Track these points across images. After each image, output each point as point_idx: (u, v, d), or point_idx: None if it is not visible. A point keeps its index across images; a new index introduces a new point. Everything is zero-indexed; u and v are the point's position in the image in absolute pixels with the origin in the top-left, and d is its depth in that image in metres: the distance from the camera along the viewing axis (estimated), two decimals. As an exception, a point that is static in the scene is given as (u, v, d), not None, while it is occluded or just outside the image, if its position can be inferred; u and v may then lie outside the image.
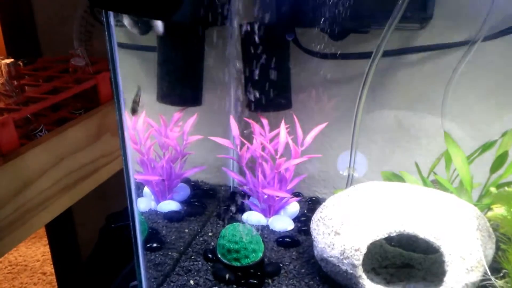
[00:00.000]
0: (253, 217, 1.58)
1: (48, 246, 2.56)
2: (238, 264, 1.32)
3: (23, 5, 2.09)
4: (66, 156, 1.50)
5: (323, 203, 1.35)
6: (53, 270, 2.65)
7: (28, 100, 1.51)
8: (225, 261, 1.33)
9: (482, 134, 1.46)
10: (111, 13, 1.00)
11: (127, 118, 1.14)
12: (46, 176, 1.43)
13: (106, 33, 1.03)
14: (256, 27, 1.36)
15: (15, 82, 1.60)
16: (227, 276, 1.31)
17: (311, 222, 1.34)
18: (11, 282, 3.34)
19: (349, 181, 1.61)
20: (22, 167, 1.34)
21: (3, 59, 1.64)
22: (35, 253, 3.62)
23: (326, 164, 1.73)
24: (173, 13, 0.98)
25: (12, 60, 1.65)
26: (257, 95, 1.48)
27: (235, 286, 1.31)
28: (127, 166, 1.16)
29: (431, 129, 1.56)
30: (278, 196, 1.55)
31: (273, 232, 1.55)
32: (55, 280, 2.69)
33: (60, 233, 2.43)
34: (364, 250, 1.17)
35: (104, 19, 1.01)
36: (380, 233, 1.17)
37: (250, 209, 1.61)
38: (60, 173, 1.48)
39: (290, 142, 1.52)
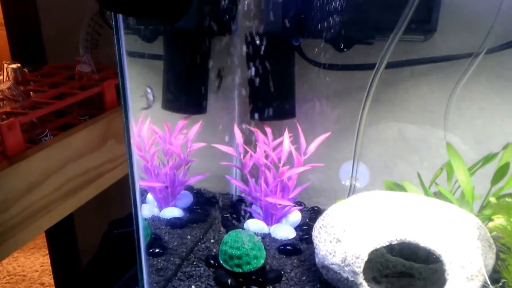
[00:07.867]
0: (255, 225, 1.59)
1: (46, 256, 2.56)
2: (239, 270, 1.32)
3: (29, 14, 2.11)
4: (70, 161, 1.51)
5: (325, 211, 1.35)
6: (51, 281, 2.64)
7: (34, 104, 1.52)
8: (227, 267, 1.33)
9: (484, 146, 1.47)
10: (120, 16, 1.02)
11: (133, 125, 1.15)
12: (50, 180, 1.44)
13: (114, 36, 1.04)
14: (261, 37, 1.38)
15: (21, 88, 1.61)
16: (228, 282, 1.32)
17: (313, 229, 1.34)
18: (9, 292, 3.34)
19: (351, 191, 1.62)
20: (27, 170, 1.35)
21: (9, 64, 1.65)
22: (33, 263, 3.60)
23: (328, 175, 1.73)
24: (181, 18, 0.99)
25: (18, 65, 1.67)
26: (261, 104, 1.49)
27: (236, 292, 1.31)
28: (132, 172, 1.17)
29: (434, 141, 1.57)
30: (280, 205, 1.56)
31: (274, 240, 1.55)
32: (53, 290, 2.68)
33: (61, 240, 2.43)
34: (365, 257, 1.17)
35: (113, 23, 1.02)
36: (381, 241, 1.17)
37: (252, 217, 1.62)
38: (64, 178, 1.49)
39: (293, 150, 1.53)
